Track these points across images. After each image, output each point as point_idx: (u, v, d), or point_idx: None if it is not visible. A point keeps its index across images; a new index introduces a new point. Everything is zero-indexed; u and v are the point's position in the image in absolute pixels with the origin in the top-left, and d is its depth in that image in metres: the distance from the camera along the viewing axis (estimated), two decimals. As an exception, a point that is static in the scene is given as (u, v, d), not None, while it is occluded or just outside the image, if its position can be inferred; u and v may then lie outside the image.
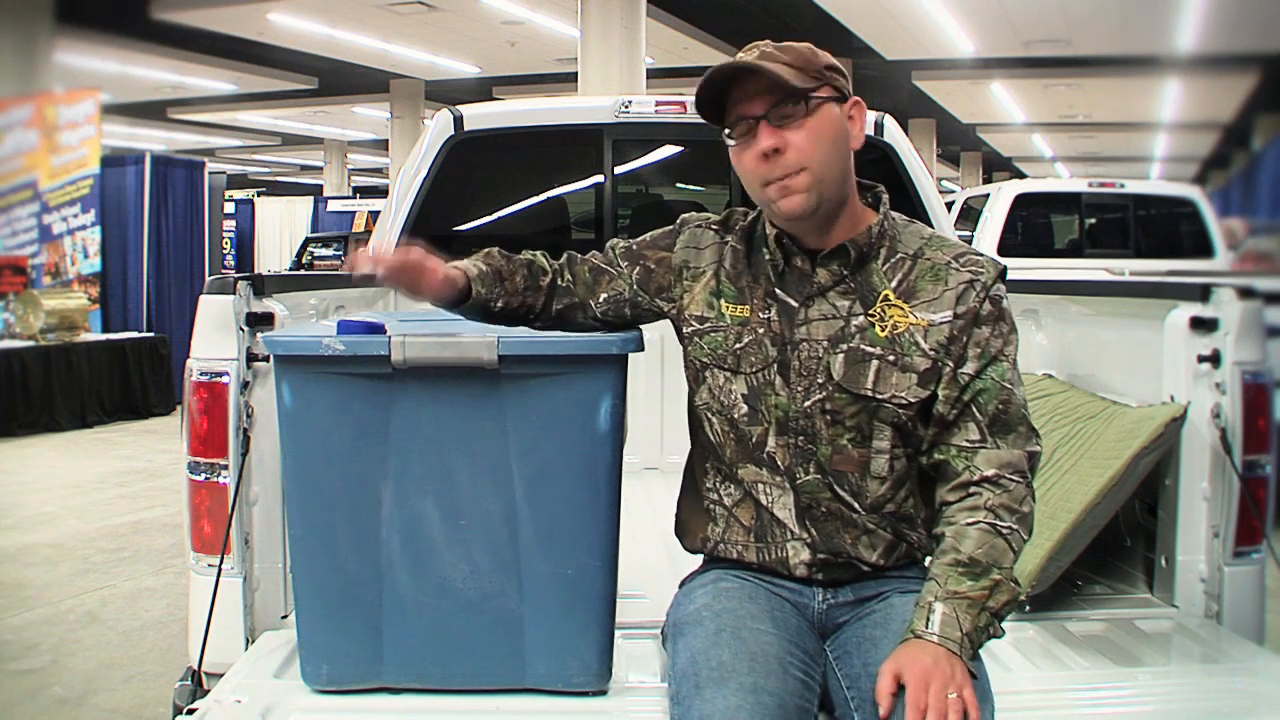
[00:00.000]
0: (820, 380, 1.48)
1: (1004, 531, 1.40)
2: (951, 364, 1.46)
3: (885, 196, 1.55)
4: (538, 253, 1.62)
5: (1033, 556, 1.93)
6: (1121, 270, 6.96)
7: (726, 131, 1.48)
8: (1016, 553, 1.42)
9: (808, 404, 1.48)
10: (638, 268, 1.62)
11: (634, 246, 1.64)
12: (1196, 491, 1.93)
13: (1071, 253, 7.79)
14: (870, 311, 1.48)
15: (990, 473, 1.43)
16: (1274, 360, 1.94)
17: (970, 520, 1.41)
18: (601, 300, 1.61)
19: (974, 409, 1.45)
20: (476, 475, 1.52)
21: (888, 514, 1.50)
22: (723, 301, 1.55)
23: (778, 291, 1.53)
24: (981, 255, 1.51)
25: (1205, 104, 18.13)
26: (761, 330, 1.51)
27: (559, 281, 1.60)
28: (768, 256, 1.54)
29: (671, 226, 1.65)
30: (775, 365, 1.50)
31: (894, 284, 1.49)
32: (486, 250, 1.58)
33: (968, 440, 1.44)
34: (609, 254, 1.64)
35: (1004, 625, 1.39)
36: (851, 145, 1.49)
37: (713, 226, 1.62)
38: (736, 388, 1.52)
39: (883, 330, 1.47)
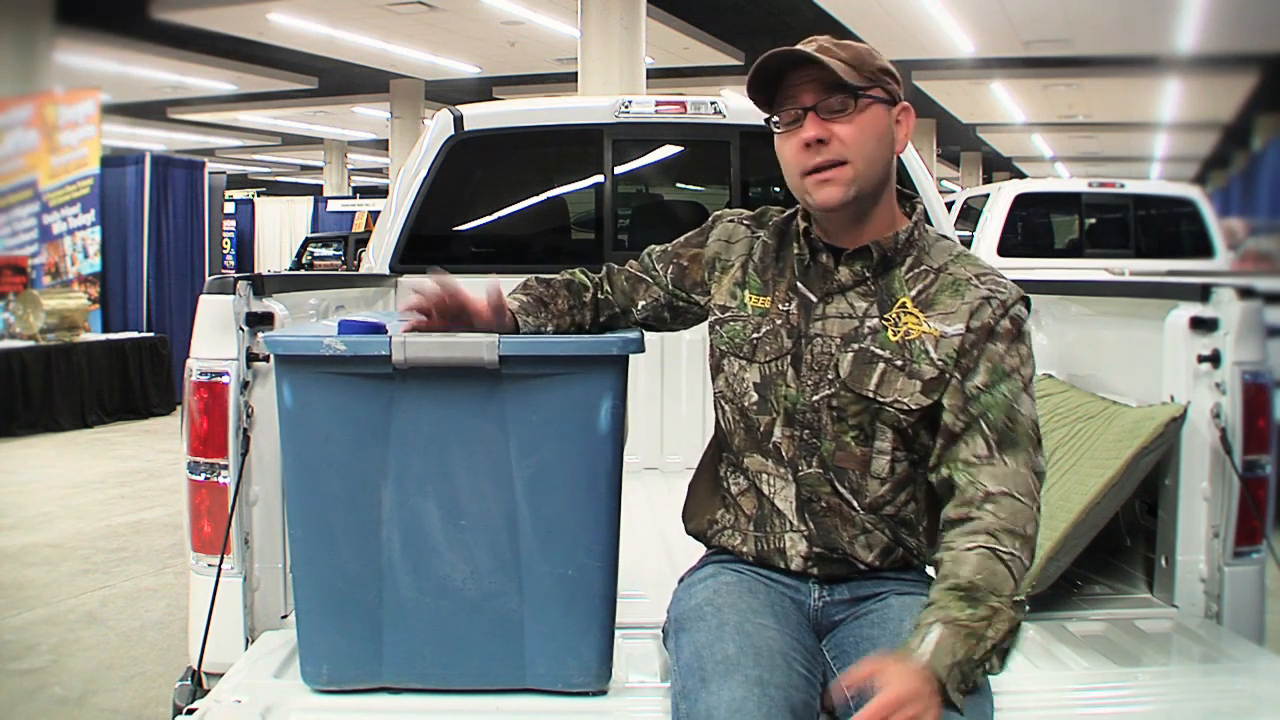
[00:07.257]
0: (830, 376, 1.49)
1: (1004, 557, 1.35)
2: (959, 375, 1.44)
3: (921, 207, 1.57)
4: (576, 270, 1.68)
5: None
6: (1121, 270, 6.95)
7: (775, 120, 1.50)
8: (1018, 580, 1.35)
9: (815, 398, 1.49)
10: (671, 266, 1.66)
11: (668, 248, 1.69)
12: (1196, 491, 1.93)
13: (1071, 253, 7.78)
14: (886, 316, 1.48)
15: (995, 489, 1.39)
16: (1274, 360, 1.94)
17: (969, 545, 1.36)
18: (640, 307, 1.67)
19: (981, 423, 1.42)
20: (477, 475, 1.52)
21: (886, 516, 1.51)
22: (746, 292, 1.58)
23: (799, 285, 1.54)
24: (1005, 278, 1.50)
25: (1205, 104, 18.14)
26: (779, 321, 1.53)
27: (600, 295, 1.66)
28: (796, 251, 1.56)
29: (704, 224, 1.69)
30: (789, 357, 1.52)
31: (914, 293, 1.49)
32: (524, 281, 1.63)
33: (974, 455, 1.42)
34: (645, 260, 1.69)
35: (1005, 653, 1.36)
36: (895, 149, 1.50)
37: (745, 221, 1.65)
38: (750, 376, 1.54)
39: (894, 335, 1.47)
